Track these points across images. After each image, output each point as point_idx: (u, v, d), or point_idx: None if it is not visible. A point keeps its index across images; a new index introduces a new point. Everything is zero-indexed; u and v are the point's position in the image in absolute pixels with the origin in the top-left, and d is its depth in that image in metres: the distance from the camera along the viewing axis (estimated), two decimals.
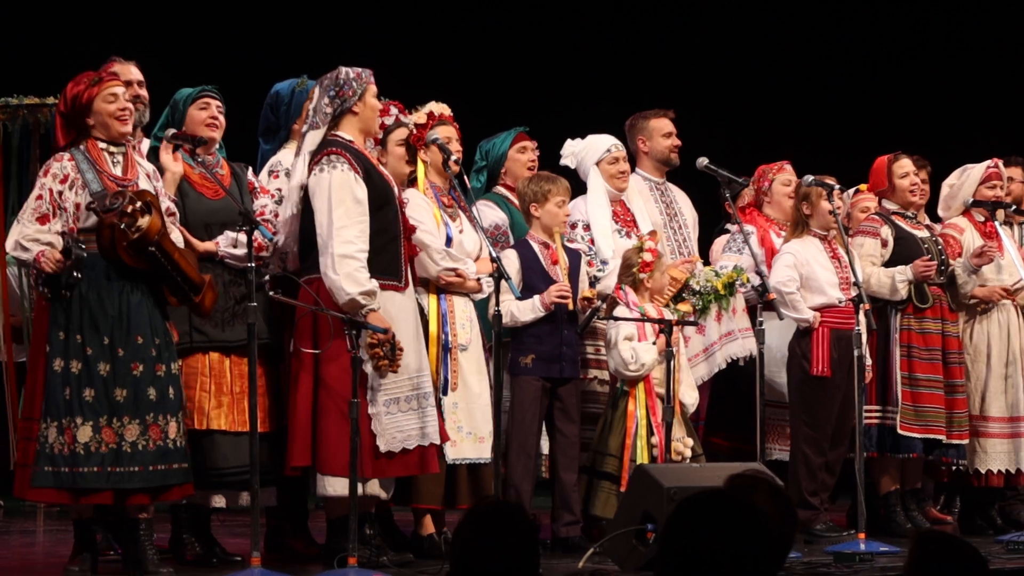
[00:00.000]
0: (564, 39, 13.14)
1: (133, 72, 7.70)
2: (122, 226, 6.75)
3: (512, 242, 8.36)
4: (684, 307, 8.52)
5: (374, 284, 7.13)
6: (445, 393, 7.79)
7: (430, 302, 7.84)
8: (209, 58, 11.42)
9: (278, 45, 11.94)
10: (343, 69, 7.39)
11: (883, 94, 13.25)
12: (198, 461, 7.20)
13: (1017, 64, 13.10)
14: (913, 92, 13.14)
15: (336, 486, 7.09)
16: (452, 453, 7.75)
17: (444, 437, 7.48)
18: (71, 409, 6.79)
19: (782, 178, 9.22)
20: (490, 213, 8.42)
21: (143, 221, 6.75)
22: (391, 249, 7.34)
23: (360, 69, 7.41)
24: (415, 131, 7.97)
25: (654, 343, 8.10)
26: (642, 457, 8.02)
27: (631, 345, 8.12)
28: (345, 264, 7.08)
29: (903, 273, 8.93)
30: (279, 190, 7.65)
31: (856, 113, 13.12)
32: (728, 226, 9.65)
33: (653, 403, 8.11)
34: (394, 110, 7.95)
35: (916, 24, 13.44)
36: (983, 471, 9.20)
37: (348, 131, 7.36)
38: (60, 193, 6.88)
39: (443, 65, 12.19)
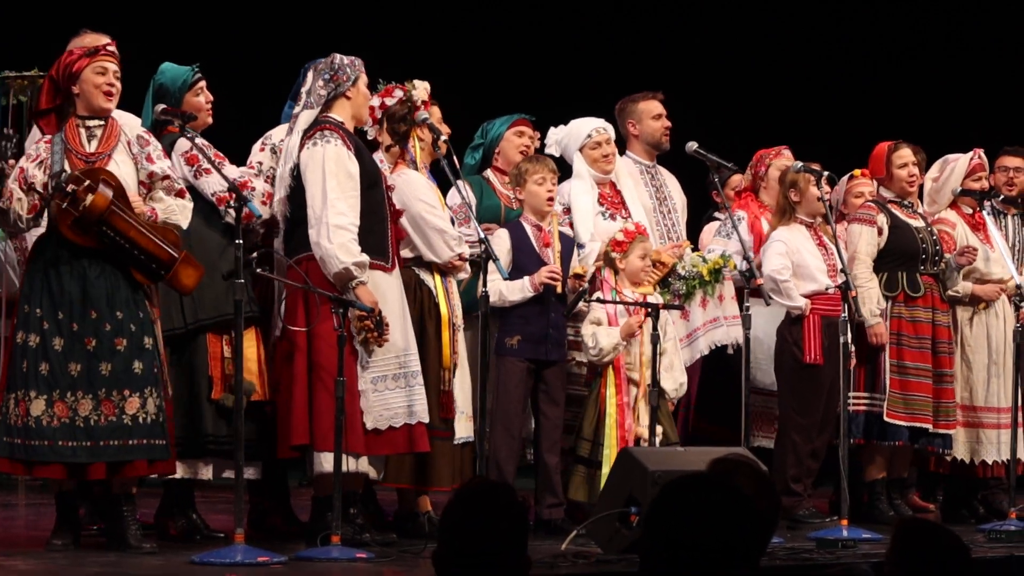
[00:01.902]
0: (562, 26, 13.12)
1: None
2: (64, 205, 6.77)
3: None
4: (648, 288, 8.47)
5: (365, 257, 7.15)
6: (454, 373, 7.80)
7: (436, 283, 7.84)
8: (196, 41, 11.38)
9: (277, 33, 11.91)
10: (336, 56, 7.47)
11: (878, 82, 13.24)
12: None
13: (1013, 55, 13.10)
14: (908, 80, 13.14)
15: (329, 463, 7.10)
16: (457, 432, 7.77)
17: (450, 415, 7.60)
18: (26, 382, 6.83)
19: (779, 163, 9.17)
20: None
21: (87, 199, 6.75)
22: (379, 230, 7.36)
23: (352, 57, 7.49)
24: (419, 105, 7.97)
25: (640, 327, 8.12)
26: (611, 439, 8.03)
27: (593, 329, 8.14)
28: (339, 234, 7.10)
29: (873, 316, 8.89)
30: (259, 163, 7.67)
31: (850, 101, 13.11)
32: (717, 213, 9.65)
33: (621, 383, 8.12)
34: (399, 92, 7.96)
35: (913, 14, 13.43)
36: (989, 462, 9.22)
37: (340, 114, 7.42)
38: (30, 172, 6.91)
39: (443, 53, 12.18)
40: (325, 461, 7.13)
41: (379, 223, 7.36)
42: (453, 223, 7.92)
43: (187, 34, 11.50)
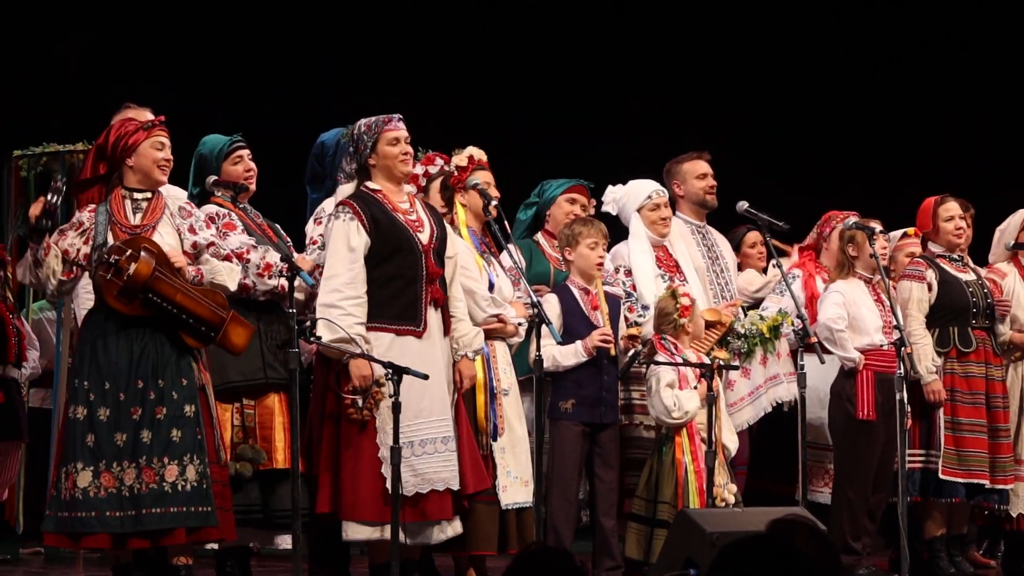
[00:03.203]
0: (608, 83, 13.17)
1: (147, 117, 7.69)
2: (108, 276, 6.80)
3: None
4: (722, 354, 8.48)
5: (355, 331, 7.06)
6: (495, 439, 7.75)
7: None
8: (233, 107, 11.48)
9: (312, 96, 12.01)
10: (360, 123, 7.40)
11: (932, 135, 13.18)
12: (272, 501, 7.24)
13: None
14: (965, 133, 13.09)
15: (354, 531, 7.09)
16: (505, 498, 7.71)
17: (479, 483, 7.41)
18: (74, 454, 6.85)
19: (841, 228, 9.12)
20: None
21: (131, 268, 6.79)
22: (407, 294, 7.26)
23: (374, 118, 7.38)
24: (456, 173, 7.99)
25: (695, 388, 8.07)
26: (694, 503, 7.96)
27: (673, 392, 8.07)
28: (325, 312, 7.10)
29: (929, 373, 8.86)
30: (321, 236, 7.69)
31: (904, 156, 13.07)
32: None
33: (696, 449, 8.07)
34: (439, 161, 8.00)
35: (969, 68, 13.38)
36: (1014, 514, 9.14)
37: (377, 181, 7.37)
38: (69, 240, 6.97)
39: (478, 110, 12.25)
40: (349, 530, 7.11)
41: (407, 287, 7.27)
42: (492, 288, 7.90)
43: (232, 105, 11.60)
